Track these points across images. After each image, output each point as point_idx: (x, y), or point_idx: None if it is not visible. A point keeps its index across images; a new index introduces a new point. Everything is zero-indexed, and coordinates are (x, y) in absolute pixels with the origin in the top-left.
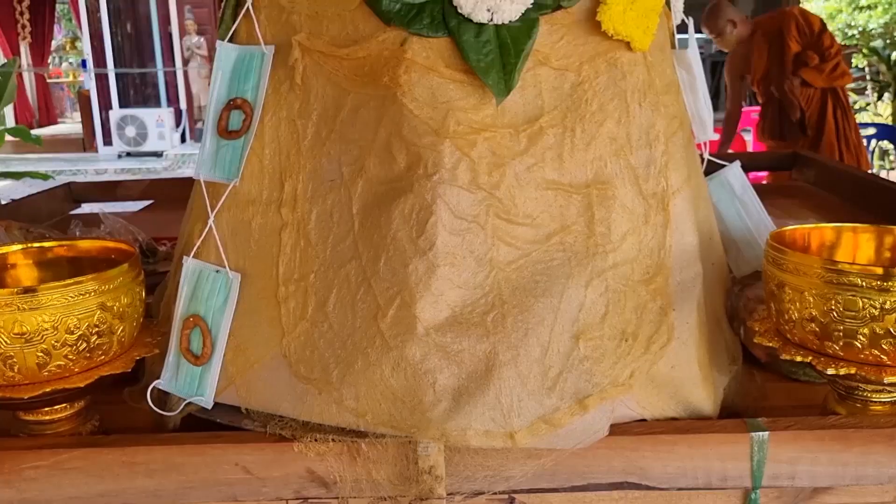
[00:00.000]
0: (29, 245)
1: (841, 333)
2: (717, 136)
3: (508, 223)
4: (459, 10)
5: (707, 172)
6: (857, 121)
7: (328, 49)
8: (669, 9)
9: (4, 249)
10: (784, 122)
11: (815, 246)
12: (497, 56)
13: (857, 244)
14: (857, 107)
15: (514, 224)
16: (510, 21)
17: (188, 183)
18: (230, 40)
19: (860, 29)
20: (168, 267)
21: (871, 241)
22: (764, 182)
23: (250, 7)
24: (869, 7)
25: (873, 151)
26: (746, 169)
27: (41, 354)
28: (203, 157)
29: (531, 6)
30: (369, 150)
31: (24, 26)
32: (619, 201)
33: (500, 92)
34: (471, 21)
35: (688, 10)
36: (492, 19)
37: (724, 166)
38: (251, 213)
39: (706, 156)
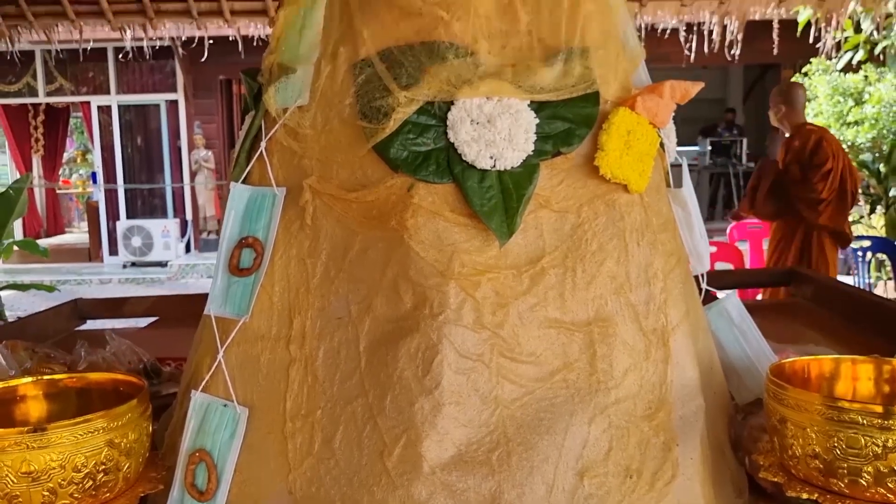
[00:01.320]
0: (39, 377)
1: (845, 471)
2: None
3: (512, 361)
4: (464, 158)
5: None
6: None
7: (338, 192)
8: (664, 150)
9: (15, 382)
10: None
11: (814, 377)
12: (500, 200)
13: (856, 376)
14: (850, 219)
15: (517, 362)
16: (512, 167)
17: (193, 300)
18: (243, 182)
19: (849, 144)
20: (172, 388)
21: (870, 372)
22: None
23: (264, 151)
24: (856, 123)
25: (869, 262)
26: (744, 285)
27: (47, 493)
28: (214, 293)
29: (532, 153)
30: (377, 290)
31: (37, 140)
32: (620, 338)
33: (503, 235)
34: (474, 167)
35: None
36: (494, 165)
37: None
38: (260, 349)
39: (703, 286)
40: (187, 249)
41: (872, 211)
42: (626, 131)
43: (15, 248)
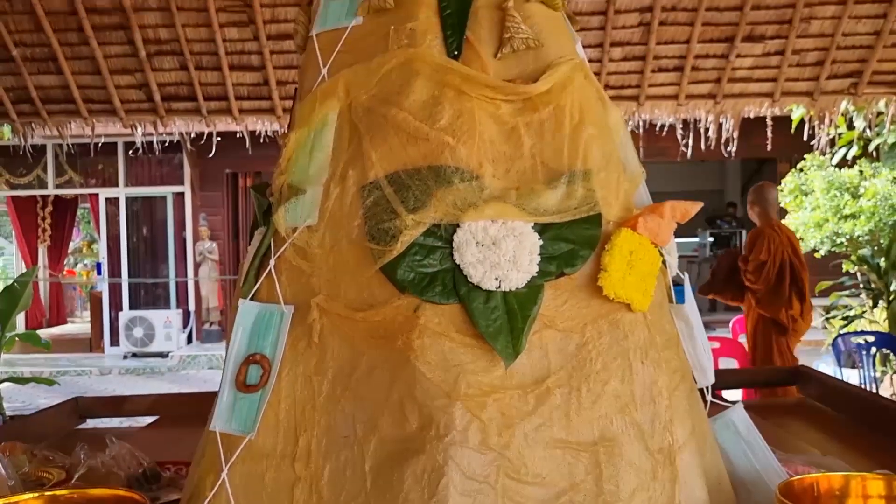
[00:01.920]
0: (41, 493)
1: None
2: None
3: (518, 483)
4: (469, 279)
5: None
6: (854, 328)
7: (345, 311)
8: (666, 266)
9: (16, 499)
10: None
11: (824, 495)
12: (505, 321)
13: (867, 493)
14: (852, 314)
15: (523, 483)
16: (517, 288)
17: (194, 399)
18: (252, 298)
19: (847, 237)
20: (172, 495)
21: (881, 489)
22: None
23: (273, 269)
24: (853, 216)
25: (874, 357)
26: (749, 385)
27: None
28: (220, 409)
29: (536, 274)
30: (382, 410)
31: (44, 230)
32: (626, 458)
33: (509, 356)
34: (480, 288)
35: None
36: (500, 287)
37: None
38: (265, 467)
39: (709, 398)
40: (189, 340)
41: (875, 305)
42: (628, 252)
43: (17, 339)
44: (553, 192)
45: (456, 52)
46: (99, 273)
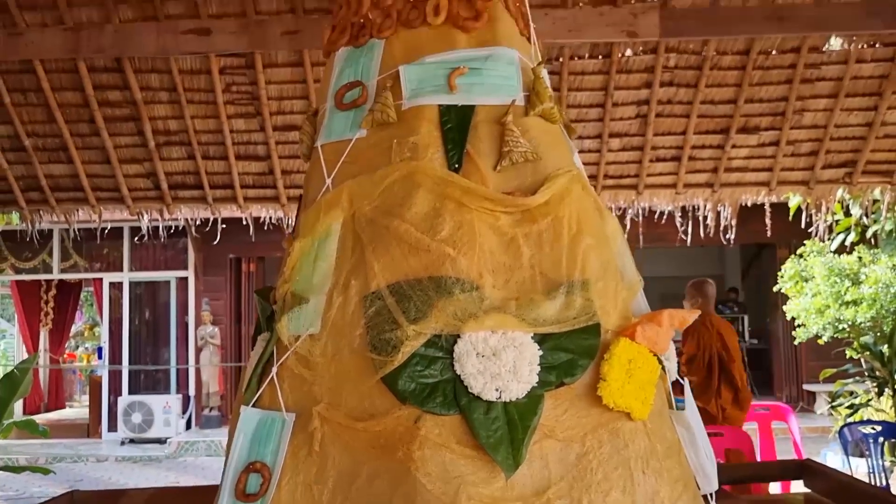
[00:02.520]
0: None
1: None
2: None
3: None
4: (470, 390)
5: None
6: (860, 417)
7: (346, 421)
8: (665, 372)
9: None
10: None
11: None
12: (505, 432)
13: None
14: (857, 402)
15: None
16: (517, 398)
17: (191, 493)
18: (254, 405)
19: (849, 323)
20: None
21: None
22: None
23: (275, 376)
24: (854, 303)
25: (882, 445)
26: (755, 479)
27: None
28: None
29: (536, 384)
30: None
31: (47, 314)
32: None
33: (510, 468)
34: (480, 399)
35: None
36: (500, 397)
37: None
38: None
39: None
40: (188, 426)
41: (880, 394)
42: (627, 360)
43: (14, 426)
44: (552, 302)
45: (457, 165)
46: (100, 357)
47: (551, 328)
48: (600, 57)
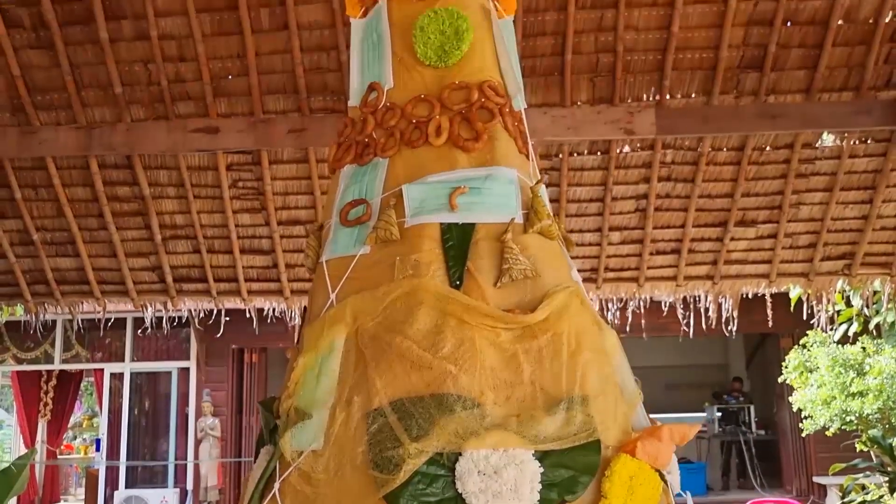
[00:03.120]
0: None
1: None
2: None
3: None
4: None
5: None
6: None
7: None
8: (668, 485)
9: None
10: None
11: None
12: None
13: None
14: (869, 498)
15: None
16: None
17: None
18: None
19: (856, 415)
20: None
21: None
22: None
23: (277, 492)
24: (860, 394)
25: None
26: None
27: None
28: None
29: (537, 502)
30: None
31: (46, 404)
32: None
33: None
34: None
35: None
36: None
37: None
38: None
39: None
40: None
41: (893, 490)
42: (628, 477)
43: None
44: (552, 418)
45: (458, 282)
46: (98, 448)
47: (552, 445)
48: (599, 153)
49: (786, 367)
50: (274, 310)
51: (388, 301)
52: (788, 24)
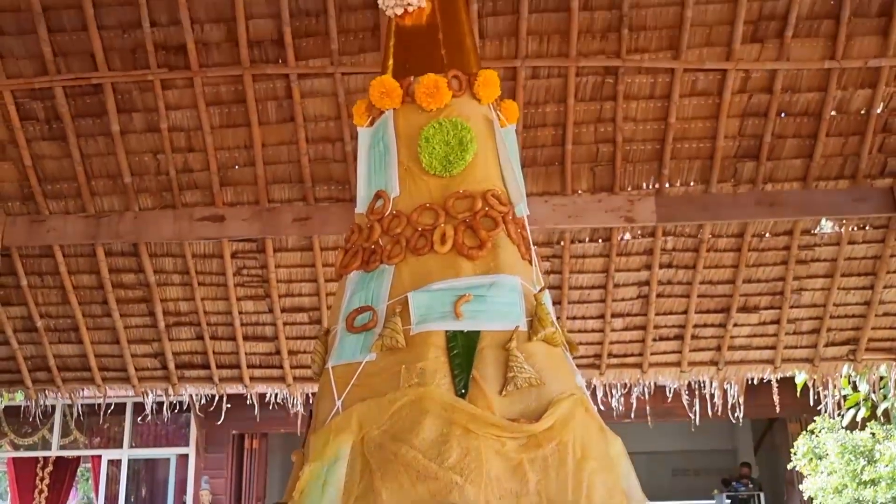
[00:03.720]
0: None
1: None
2: None
3: None
4: None
5: None
6: None
7: None
8: None
9: None
10: None
11: None
12: None
13: None
14: None
15: None
16: None
17: None
18: None
19: (870, 503)
20: None
21: None
22: None
23: None
24: (872, 482)
25: None
26: None
27: None
28: None
29: None
30: None
31: (41, 491)
32: None
33: None
34: None
35: None
36: None
37: None
38: None
39: None
40: None
41: None
42: None
43: None
44: None
45: (463, 391)
46: None
47: None
48: (600, 240)
49: (795, 454)
50: (276, 395)
51: (394, 409)
52: (783, 115)
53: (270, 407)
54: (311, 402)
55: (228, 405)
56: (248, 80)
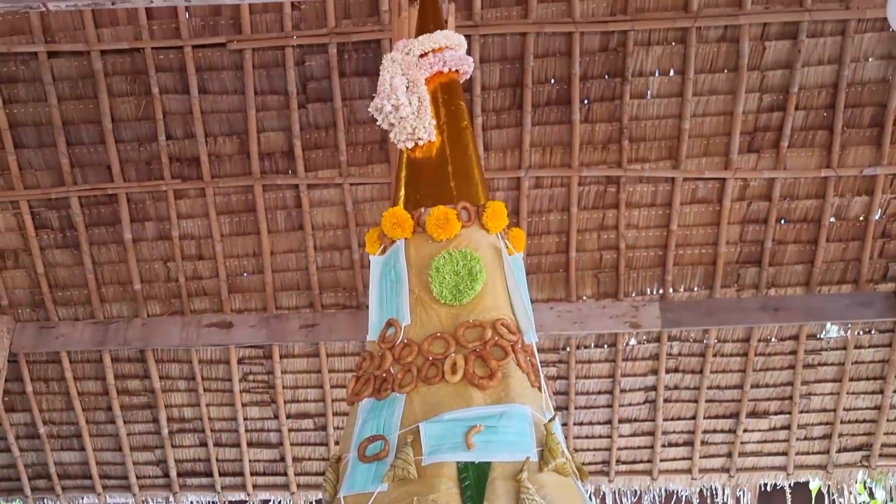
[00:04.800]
0: None
1: None
2: None
3: None
4: None
5: None
6: None
7: None
8: None
9: None
10: None
11: None
12: None
13: None
14: None
15: None
16: None
17: None
18: None
19: None
20: None
21: None
22: None
23: None
24: None
25: None
26: None
27: None
28: None
29: None
30: None
31: None
32: None
33: None
34: None
35: None
36: None
37: None
38: None
39: None
40: None
41: None
42: None
43: None
44: None
45: None
46: None
47: None
48: (606, 346)
49: None
50: (279, 503)
51: None
52: (783, 221)
53: None
54: None
55: None
56: (259, 191)
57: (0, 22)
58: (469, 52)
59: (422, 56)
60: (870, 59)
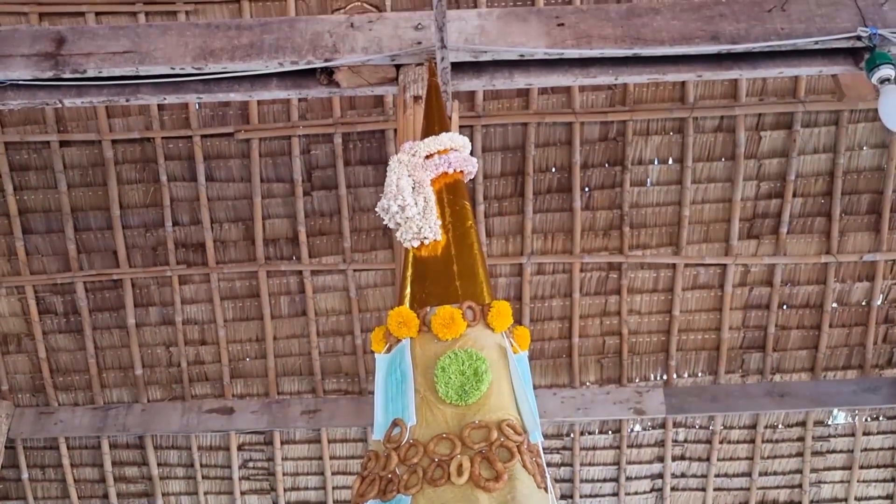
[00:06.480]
0: None
1: None
2: None
3: None
4: None
5: None
6: None
7: None
8: None
9: None
10: None
11: None
12: None
13: None
14: None
15: None
16: None
17: None
18: None
19: None
20: None
21: None
22: None
23: None
24: None
25: None
26: None
27: None
28: None
29: None
30: None
31: None
32: None
33: None
34: None
35: None
36: None
37: None
38: None
39: None
40: None
41: None
42: None
43: None
44: None
45: None
46: None
47: None
48: (610, 432)
49: None
50: None
51: None
52: (785, 307)
53: None
54: None
55: None
56: (263, 276)
57: (15, 112)
58: (472, 142)
59: (427, 157)
60: (864, 148)
